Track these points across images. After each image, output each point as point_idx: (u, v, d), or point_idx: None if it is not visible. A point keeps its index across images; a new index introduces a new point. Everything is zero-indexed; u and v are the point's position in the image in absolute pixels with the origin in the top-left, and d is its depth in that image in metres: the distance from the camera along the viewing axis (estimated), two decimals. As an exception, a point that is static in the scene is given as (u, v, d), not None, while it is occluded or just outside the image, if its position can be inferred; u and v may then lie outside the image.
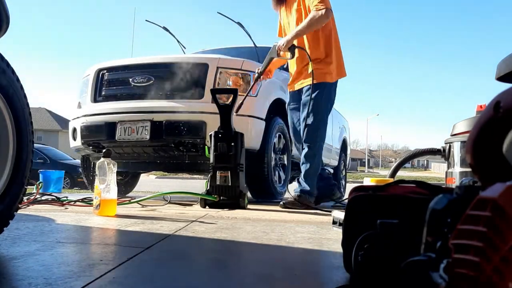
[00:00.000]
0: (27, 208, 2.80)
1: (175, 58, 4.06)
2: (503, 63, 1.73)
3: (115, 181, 2.56)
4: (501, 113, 0.57)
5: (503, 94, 0.58)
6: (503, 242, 0.44)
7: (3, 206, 1.44)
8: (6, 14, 1.48)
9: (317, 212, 2.95)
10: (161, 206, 3.16)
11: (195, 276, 1.18)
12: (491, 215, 0.47)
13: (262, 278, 1.15)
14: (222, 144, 3.11)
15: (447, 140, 2.76)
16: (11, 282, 1.04)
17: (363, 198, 1.03)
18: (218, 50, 5.39)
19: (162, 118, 3.63)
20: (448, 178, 2.72)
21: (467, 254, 0.49)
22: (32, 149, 1.61)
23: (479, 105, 2.63)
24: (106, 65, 4.15)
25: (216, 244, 1.68)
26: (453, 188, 0.71)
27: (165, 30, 5.23)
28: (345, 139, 7.27)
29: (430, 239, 0.64)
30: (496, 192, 0.48)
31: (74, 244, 1.59)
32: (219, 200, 3.10)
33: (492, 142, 0.60)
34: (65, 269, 1.14)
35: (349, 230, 1.04)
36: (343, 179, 7.31)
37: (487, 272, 0.45)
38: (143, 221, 2.22)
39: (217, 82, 3.71)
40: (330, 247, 1.62)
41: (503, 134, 0.58)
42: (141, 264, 1.27)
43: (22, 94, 1.56)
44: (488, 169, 0.61)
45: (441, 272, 0.54)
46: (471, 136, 0.62)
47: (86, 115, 4.03)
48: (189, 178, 17.77)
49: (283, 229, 2.05)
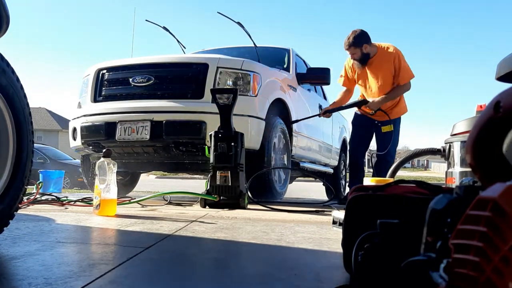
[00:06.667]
0: (27, 208, 2.80)
1: (175, 58, 4.06)
2: (503, 63, 1.73)
3: (115, 181, 2.56)
4: (501, 113, 0.57)
5: (503, 94, 0.58)
6: (503, 242, 0.44)
7: (3, 206, 1.44)
8: (6, 14, 1.48)
9: (317, 212, 2.95)
10: (161, 206, 3.16)
11: (195, 276, 1.18)
12: (491, 215, 0.47)
13: (262, 278, 1.15)
14: (222, 144, 3.11)
15: (447, 140, 2.76)
16: (11, 282, 1.04)
17: (363, 198, 1.03)
18: (218, 50, 5.38)
19: (162, 118, 3.63)
20: (448, 178, 2.71)
21: (467, 254, 0.49)
22: (32, 149, 1.61)
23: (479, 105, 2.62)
24: (106, 65, 4.15)
25: (216, 244, 1.68)
26: (453, 188, 0.70)
27: (165, 30, 5.23)
28: (345, 139, 7.26)
29: (430, 239, 0.64)
30: (496, 192, 0.48)
31: (74, 244, 1.59)
32: (219, 200, 3.10)
33: (492, 142, 0.60)
34: (65, 269, 1.14)
35: (349, 230, 1.03)
36: (343, 179, 7.30)
37: (487, 272, 0.45)
38: (143, 221, 2.22)
39: (217, 82, 3.71)
40: (330, 247, 1.62)
41: (503, 134, 0.58)
42: (141, 264, 1.27)
43: (22, 94, 1.56)
44: (488, 169, 0.61)
45: (441, 272, 0.54)
46: (471, 136, 0.62)
47: (86, 115, 4.02)
48: (189, 178, 17.76)
49: (283, 229, 2.05)
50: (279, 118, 4.16)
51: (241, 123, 3.49)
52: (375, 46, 4.04)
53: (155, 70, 3.91)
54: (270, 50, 5.30)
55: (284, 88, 4.36)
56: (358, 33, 3.96)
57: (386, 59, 4.00)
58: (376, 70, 4.05)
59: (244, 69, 3.82)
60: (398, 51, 4.03)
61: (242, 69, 3.81)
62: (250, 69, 3.83)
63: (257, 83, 3.83)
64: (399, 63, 3.98)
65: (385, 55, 4.01)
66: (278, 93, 4.17)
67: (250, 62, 3.93)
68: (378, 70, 4.04)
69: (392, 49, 4.02)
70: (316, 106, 5.62)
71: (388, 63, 3.99)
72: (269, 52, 5.16)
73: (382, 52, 4.02)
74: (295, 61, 5.12)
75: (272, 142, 3.98)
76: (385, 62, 4.00)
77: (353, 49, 4.00)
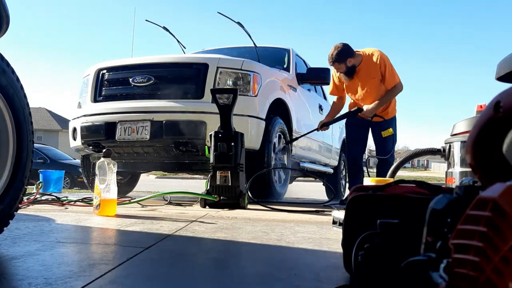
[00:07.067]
0: (27, 208, 2.80)
1: (175, 58, 4.06)
2: (503, 63, 1.72)
3: (115, 181, 2.56)
4: (501, 113, 0.57)
5: (503, 94, 0.58)
6: (503, 242, 0.44)
7: (3, 206, 1.44)
8: (6, 14, 1.48)
9: (317, 212, 2.95)
10: (161, 206, 3.16)
11: (195, 276, 1.18)
12: (491, 215, 0.47)
13: (262, 278, 1.15)
14: (222, 144, 3.10)
15: (447, 140, 2.76)
16: (11, 282, 1.04)
17: (363, 198, 1.03)
18: (218, 50, 5.38)
19: (162, 118, 3.63)
20: (448, 178, 2.71)
21: (467, 254, 0.49)
22: (32, 149, 1.61)
23: (479, 105, 2.62)
24: (106, 65, 4.15)
25: (216, 244, 1.68)
26: (453, 188, 0.70)
27: (165, 30, 5.23)
28: (345, 139, 7.26)
29: (430, 239, 0.64)
30: (496, 192, 0.48)
31: (74, 244, 1.59)
32: (219, 200, 3.10)
33: (492, 142, 0.60)
34: (65, 269, 1.14)
35: (349, 230, 1.03)
36: (343, 179, 7.30)
37: (487, 272, 0.45)
38: (143, 221, 2.22)
39: (217, 82, 3.71)
40: (330, 247, 1.62)
41: (503, 134, 0.58)
42: (141, 264, 1.27)
43: (22, 94, 1.56)
44: (488, 169, 0.61)
45: (441, 272, 0.54)
46: (471, 136, 0.62)
47: (86, 115, 4.02)
48: (189, 178, 17.76)
49: (283, 229, 2.05)
50: (279, 118, 4.16)
51: (241, 123, 3.49)
52: (359, 55, 4.03)
53: (155, 70, 3.91)
54: (270, 50, 5.30)
55: (284, 88, 4.36)
56: (340, 48, 3.94)
57: (372, 66, 4.01)
58: (364, 78, 4.05)
59: (244, 69, 3.81)
60: (383, 56, 4.03)
61: (242, 69, 3.81)
62: (250, 69, 3.83)
63: (257, 83, 3.83)
64: (385, 69, 4.00)
65: (370, 63, 4.02)
66: (278, 93, 4.17)
67: (250, 62, 3.93)
68: (366, 78, 4.05)
69: (377, 55, 4.02)
70: (316, 106, 5.62)
71: (374, 70, 4.00)
72: (269, 52, 5.16)
73: (367, 60, 4.03)
74: (295, 61, 5.12)
75: (272, 142, 3.98)
76: (372, 70, 4.01)
77: (337, 65, 4.01)
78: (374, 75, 4.01)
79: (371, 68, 4.01)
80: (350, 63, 4.00)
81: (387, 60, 4.04)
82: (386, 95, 4.06)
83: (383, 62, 4.01)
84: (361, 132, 4.32)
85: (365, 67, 4.03)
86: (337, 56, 3.95)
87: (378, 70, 4.00)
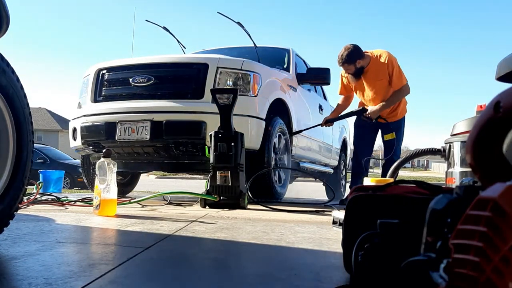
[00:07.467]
0: (27, 208, 2.80)
1: (175, 58, 4.05)
2: (503, 63, 1.72)
3: (115, 181, 2.56)
4: (501, 113, 0.57)
5: (503, 94, 0.58)
6: (503, 242, 0.44)
7: (3, 206, 1.44)
8: (6, 14, 1.48)
9: (317, 212, 2.95)
10: (161, 206, 3.16)
11: (195, 276, 1.18)
12: (491, 215, 0.47)
13: (262, 278, 1.15)
14: (222, 144, 3.11)
15: (447, 140, 2.76)
16: (11, 282, 1.04)
17: (363, 198, 1.03)
18: (218, 50, 5.38)
19: (162, 118, 3.63)
20: (448, 178, 2.71)
21: (467, 254, 0.49)
22: (32, 149, 1.61)
23: (479, 105, 2.62)
24: (106, 65, 4.15)
25: (216, 244, 1.68)
26: (453, 188, 0.70)
27: (165, 30, 5.22)
28: (345, 139, 7.26)
29: (430, 239, 0.63)
30: (496, 192, 0.48)
31: (74, 244, 1.59)
32: (219, 200, 3.10)
33: (492, 142, 0.60)
34: (65, 269, 1.14)
35: (349, 230, 1.03)
36: (343, 179, 7.31)
37: (487, 272, 0.45)
38: (143, 221, 2.22)
39: (217, 82, 3.71)
40: (330, 247, 1.62)
41: (503, 134, 0.58)
42: (141, 264, 1.27)
43: (22, 94, 1.56)
44: (488, 169, 0.61)
45: (441, 272, 0.54)
46: (471, 136, 0.62)
47: (86, 115, 4.02)
48: (189, 178, 17.76)
49: (283, 229, 2.05)
50: (279, 118, 4.15)
51: (241, 123, 3.49)
52: (368, 57, 4.04)
53: (155, 70, 3.91)
54: (270, 50, 5.30)
55: (284, 88, 4.36)
56: (350, 50, 3.95)
57: (380, 67, 4.02)
58: (372, 79, 4.06)
59: (244, 69, 3.81)
60: (391, 58, 4.04)
61: (242, 69, 3.81)
62: (250, 69, 3.83)
63: (257, 83, 3.83)
64: (392, 70, 4.00)
65: (378, 64, 4.02)
66: (278, 93, 4.17)
67: (250, 62, 3.93)
68: (374, 79, 4.05)
69: (385, 56, 4.02)
70: (316, 106, 5.62)
71: (382, 71, 4.01)
72: (269, 52, 5.16)
73: (375, 61, 4.03)
74: (295, 61, 5.12)
75: (272, 142, 3.98)
76: (380, 71, 4.02)
77: (346, 66, 4.02)
78: (382, 77, 4.01)
79: (379, 69, 4.02)
80: (359, 64, 4.00)
81: (395, 62, 4.04)
82: (392, 97, 4.07)
83: (390, 63, 4.01)
84: (369, 133, 4.31)
85: (373, 69, 4.03)
86: (347, 57, 3.95)
87: (386, 72, 4.00)
